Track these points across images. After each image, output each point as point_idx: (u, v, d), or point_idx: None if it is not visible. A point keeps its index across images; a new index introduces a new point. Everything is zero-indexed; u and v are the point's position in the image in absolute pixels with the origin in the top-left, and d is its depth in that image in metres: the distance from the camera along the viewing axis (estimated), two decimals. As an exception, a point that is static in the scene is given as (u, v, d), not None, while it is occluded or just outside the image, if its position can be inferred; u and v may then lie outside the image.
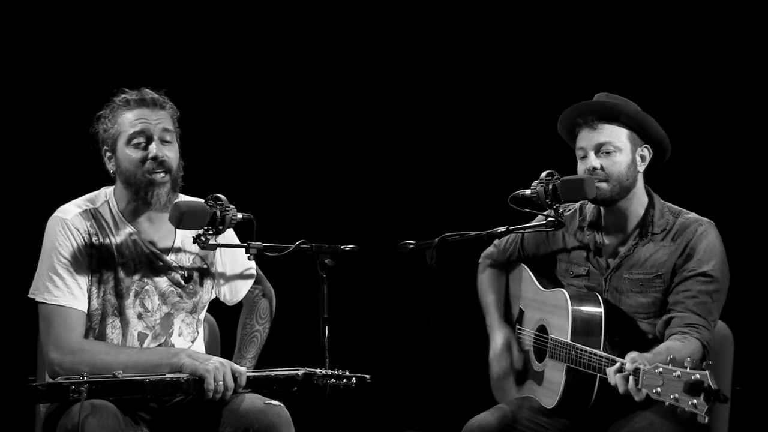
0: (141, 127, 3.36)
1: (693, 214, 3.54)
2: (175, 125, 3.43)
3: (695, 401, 2.94)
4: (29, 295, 3.34)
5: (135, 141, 3.35)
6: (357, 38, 5.17)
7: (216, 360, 3.29)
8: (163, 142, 3.37)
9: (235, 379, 3.27)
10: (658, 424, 3.33)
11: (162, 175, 3.35)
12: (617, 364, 3.17)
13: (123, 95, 3.41)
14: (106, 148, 3.40)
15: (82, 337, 3.31)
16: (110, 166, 3.40)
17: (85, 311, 3.33)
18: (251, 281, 3.63)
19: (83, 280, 3.33)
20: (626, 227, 3.56)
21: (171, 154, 3.38)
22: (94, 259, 3.35)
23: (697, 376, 2.95)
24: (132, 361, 3.26)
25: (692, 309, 3.39)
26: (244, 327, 3.63)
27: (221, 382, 3.24)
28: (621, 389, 3.15)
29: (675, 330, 3.37)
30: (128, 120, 3.37)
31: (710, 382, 2.94)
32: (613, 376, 3.17)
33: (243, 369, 3.31)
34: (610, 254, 3.57)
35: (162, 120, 3.39)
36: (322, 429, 3.28)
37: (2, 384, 4.38)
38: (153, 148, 3.35)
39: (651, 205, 3.55)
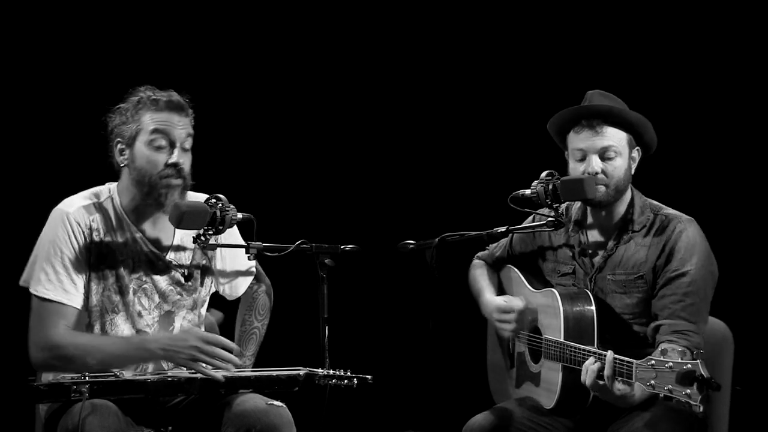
0: (166, 129, 3.34)
1: (673, 211, 3.53)
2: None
3: (688, 391, 2.95)
4: (21, 283, 3.34)
5: (157, 143, 3.33)
6: (357, 39, 5.18)
7: (186, 344, 3.28)
8: (183, 149, 3.37)
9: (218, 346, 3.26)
10: (658, 424, 3.32)
11: (177, 180, 3.36)
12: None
13: (149, 93, 3.37)
14: (119, 140, 3.38)
15: (67, 331, 3.28)
16: (121, 159, 3.38)
17: (77, 307, 3.32)
18: (251, 277, 3.64)
19: (78, 277, 3.33)
20: (609, 226, 3.55)
21: (188, 162, 3.38)
22: (94, 255, 3.35)
23: (689, 366, 2.96)
24: (107, 358, 3.25)
25: (679, 315, 3.38)
26: (243, 323, 3.63)
27: (207, 359, 3.24)
28: (604, 374, 3.17)
29: (663, 338, 3.34)
30: (153, 120, 3.34)
31: (702, 371, 2.94)
32: (590, 365, 3.21)
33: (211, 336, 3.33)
34: (594, 253, 3.58)
35: (186, 126, 3.38)
36: (322, 429, 3.28)
37: (2, 384, 4.38)
38: (175, 156, 3.34)
39: (631, 202, 3.55)
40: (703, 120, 4.88)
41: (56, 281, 3.30)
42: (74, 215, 3.34)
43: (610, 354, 3.20)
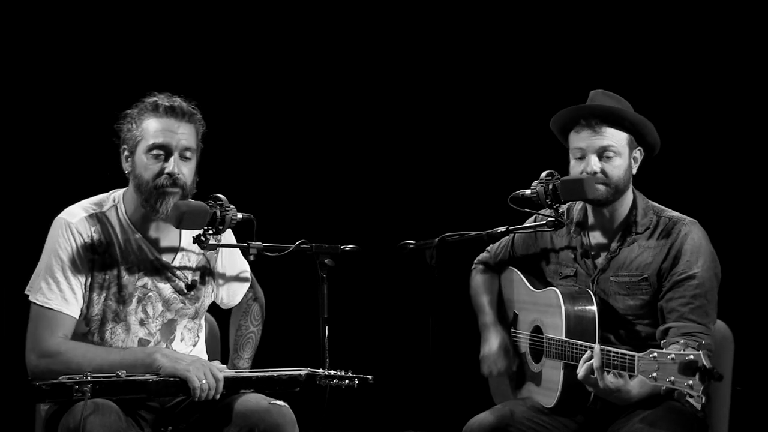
0: (163, 140, 3.33)
1: (675, 213, 3.53)
2: (198, 141, 3.42)
3: (690, 382, 2.95)
4: (25, 292, 3.34)
5: (155, 152, 3.33)
6: (357, 39, 5.18)
7: (194, 358, 3.29)
8: (183, 158, 3.36)
9: (217, 379, 3.25)
10: (658, 424, 3.32)
11: (173, 189, 3.34)
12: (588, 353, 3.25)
13: (154, 98, 3.39)
14: (125, 147, 3.39)
15: (65, 340, 3.28)
16: (126, 166, 3.40)
17: (75, 317, 3.32)
18: (247, 285, 3.64)
19: (78, 286, 3.32)
20: (611, 228, 3.55)
21: (187, 171, 3.36)
22: (96, 264, 3.35)
23: (691, 356, 2.96)
24: (107, 363, 3.24)
25: (688, 317, 3.37)
26: (238, 329, 3.64)
27: (204, 381, 3.23)
28: (593, 365, 3.19)
29: (672, 341, 3.32)
30: (153, 128, 3.35)
31: (704, 362, 2.94)
32: (585, 359, 3.23)
33: (223, 367, 3.32)
34: (597, 255, 3.57)
35: (186, 135, 3.37)
36: (322, 429, 3.28)
37: (4, 384, 4.38)
38: (170, 165, 3.33)
39: (634, 204, 3.54)
40: (703, 121, 4.88)
41: (57, 290, 3.30)
42: (76, 225, 3.33)
43: (597, 346, 3.22)
